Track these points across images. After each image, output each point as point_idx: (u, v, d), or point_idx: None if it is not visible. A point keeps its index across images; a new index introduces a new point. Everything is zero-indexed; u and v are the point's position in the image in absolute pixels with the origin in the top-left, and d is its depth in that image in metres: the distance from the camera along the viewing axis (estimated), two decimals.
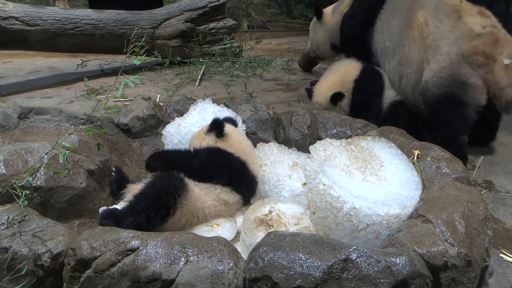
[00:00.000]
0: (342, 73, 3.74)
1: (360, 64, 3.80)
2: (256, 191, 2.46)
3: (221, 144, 2.46)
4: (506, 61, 3.00)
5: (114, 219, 2.01)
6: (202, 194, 2.23)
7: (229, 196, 2.30)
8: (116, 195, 2.44)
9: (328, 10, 4.88)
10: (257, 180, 2.46)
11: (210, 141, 2.48)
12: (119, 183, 2.46)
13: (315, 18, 5.03)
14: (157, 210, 2.00)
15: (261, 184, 2.51)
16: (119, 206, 2.29)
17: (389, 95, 3.73)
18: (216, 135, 2.47)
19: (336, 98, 3.64)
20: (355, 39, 4.10)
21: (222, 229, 2.16)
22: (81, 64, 5.57)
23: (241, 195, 2.34)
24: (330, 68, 3.95)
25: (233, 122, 2.71)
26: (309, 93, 3.95)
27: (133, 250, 1.62)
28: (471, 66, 3.03)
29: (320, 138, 2.75)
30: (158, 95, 4.96)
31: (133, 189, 2.26)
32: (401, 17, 3.58)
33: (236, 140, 2.53)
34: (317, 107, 3.74)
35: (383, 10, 3.79)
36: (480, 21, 3.13)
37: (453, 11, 3.20)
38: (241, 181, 2.35)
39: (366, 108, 3.59)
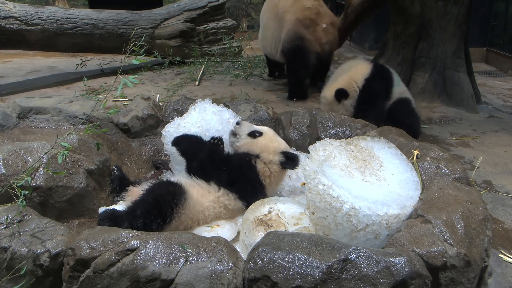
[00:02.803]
0: (352, 72, 3.83)
1: (370, 63, 3.92)
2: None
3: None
4: (323, 25, 4.98)
5: (113, 222, 2.02)
6: (199, 196, 2.23)
7: (231, 201, 2.29)
8: (118, 194, 2.44)
9: None
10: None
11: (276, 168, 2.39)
12: (121, 182, 2.46)
13: None
14: (154, 218, 2.01)
15: None
16: (119, 207, 2.29)
17: (397, 91, 3.86)
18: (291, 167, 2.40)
19: (340, 94, 3.70)
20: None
21: (222, 230, 2.16)
22: (81, 63, 5.58)
23: (245, 202, 2.30)
24: (342, 66, 4.07)
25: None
26: (320, 88, 4.09)
27: (132, 250, 1.62)
28: (304, 26, 4.88)
29: (319, 138, 2.75)
30: (158, 95, 4.96)
31: (134, 193, 2.26)
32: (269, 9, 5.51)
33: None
34: (322, 101, 3.91)
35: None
36: (311, 2, 5.09)
37: None
38: (248, 192, 2.31)
39: (374, 106, 3.68)
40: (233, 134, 2.50)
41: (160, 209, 2.03)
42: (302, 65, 4.91)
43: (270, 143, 2.44)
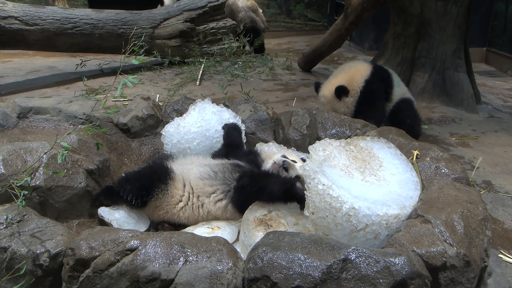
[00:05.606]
0: (352, 72, 3.82)
1: (370, 65, 3.91)
2: None
3: None
4: (260, 9, 7.82)
5: (114, 185, 2.31)
6: (178, 196, 2.27)
7: (226, 211, 2.31)
8: None
9: None
10: None
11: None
12: None
13: None
14: (140, 188, 2.23)
15: None
16: None
17: (398, 92, 3.90)
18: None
19: (340, 91, 3.66)
20: None
21: (223, 233, 2.15)
22: (80, 63, 5.57)
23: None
24: (340, 67, 4.06)
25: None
26: (317, 87, 4.02)
27: (132, 250, 1.62)
28: (250, 10, 7.56)
29: (319, 138, 2.75)
30: (158, 95, 4.95)
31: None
32: None
33: None
34: (321, 101, 3.85)
35: None
36: None
37: None
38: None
39: (374, 107, 3.68)
40: (285, 170, 2.39)
41: (147, 182, 2.23)
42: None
43: None
